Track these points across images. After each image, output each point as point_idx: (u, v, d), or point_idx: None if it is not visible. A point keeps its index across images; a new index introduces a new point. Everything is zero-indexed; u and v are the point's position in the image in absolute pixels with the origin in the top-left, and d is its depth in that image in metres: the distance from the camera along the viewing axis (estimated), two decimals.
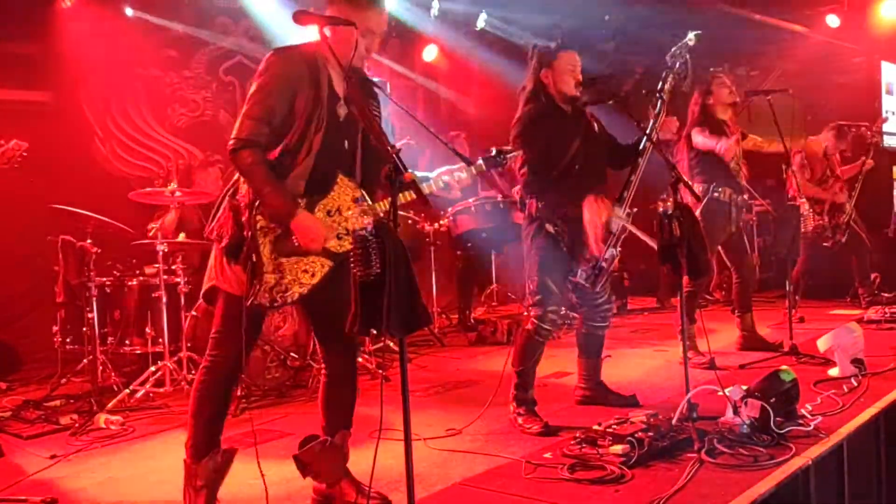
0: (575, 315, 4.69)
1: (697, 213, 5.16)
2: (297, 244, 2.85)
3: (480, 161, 3.24)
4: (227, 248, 2.88)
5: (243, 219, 2.85)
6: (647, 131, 4.08)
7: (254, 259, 2.81)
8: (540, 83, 4.09)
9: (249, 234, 2.83)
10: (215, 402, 2.99)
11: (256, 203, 2.83)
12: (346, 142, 2.97)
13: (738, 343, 5.64)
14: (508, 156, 3.30)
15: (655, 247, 3.83)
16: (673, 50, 4.21)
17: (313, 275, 2.93)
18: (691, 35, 4.24)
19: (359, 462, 3.33)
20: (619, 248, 4.10)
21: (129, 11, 6.78)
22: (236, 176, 2.96)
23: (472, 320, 7.15)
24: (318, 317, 3.16)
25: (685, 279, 4.02)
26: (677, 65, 4.18)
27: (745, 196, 5.60)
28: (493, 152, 3.27)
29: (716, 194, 5.31)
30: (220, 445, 3.04)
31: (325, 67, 2.94)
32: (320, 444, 3.10)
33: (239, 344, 2.87)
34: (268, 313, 2.98)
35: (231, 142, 2.83)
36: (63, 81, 6.49)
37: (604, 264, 4.00)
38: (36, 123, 6.05)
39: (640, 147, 4.13)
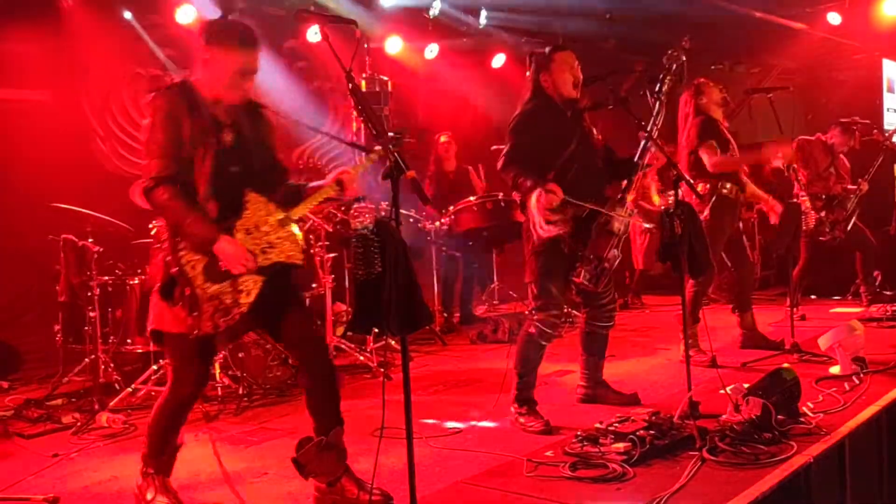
0: (576, 313, 4.69)
1: (706, 211, 5.18)
2: (224, 269, 2.95)
3: (378, 147, 3.20)
4: (162, 290, 3.01)
5: (168, 259, 2.97)
6: (647, 132, 4.08)
7: (187, 293, 2.92)
8: (539, 86, 4.09)
9: (177, 270, 2.93)
10: (173, 420, 3.16)
11: (177, 239, 2.95)
12: (233, 166, 3.05)
13: (739, 341, 5.64)
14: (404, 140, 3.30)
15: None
16: (669, 52, 4.22)
17: (248, 293, 3.02)
18: (686, 38, 4.26)
19: (361, 460, 3.33)
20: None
21: (127, 15, 6.77)
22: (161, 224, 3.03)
23: (449, 319, 7.22)
24: (273, 328, 3.25)
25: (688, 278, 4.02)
26: (674, 66, 4.19)
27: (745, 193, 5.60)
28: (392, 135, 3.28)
29: (724, 191, 5.31)
30: (176, 443, 3.21)
31: (202, 99, 3.05)
32: (316, 445, 3.12)
33: (194, 375, 3.09)
34: (218, 340, 3.10)
35: (143, 185, 2.97)
36: (63, 80, 6.48)
37: (606, 264, 4.00)
38: (36, 122, 6.05)
39: (639, 151, 4.14)
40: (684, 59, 4.22)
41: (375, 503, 3.00)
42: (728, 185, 5.33)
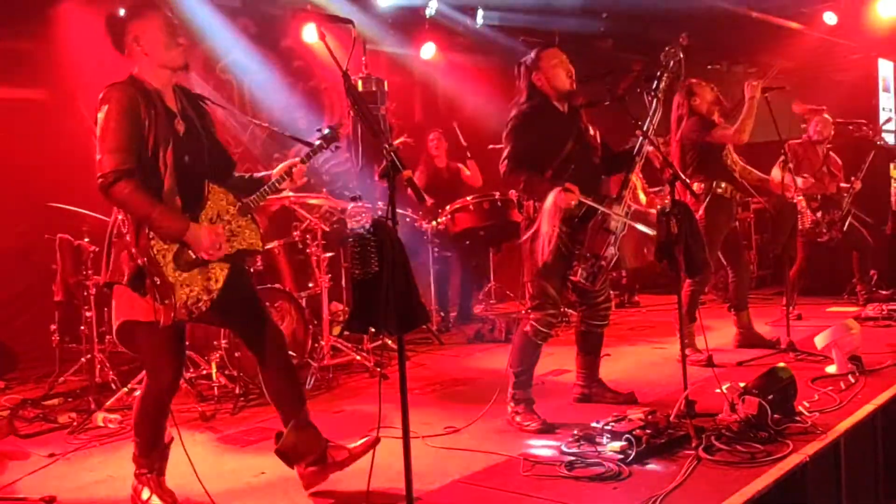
0: (572, 312, 4.70)
1: (701, 210, 5.18)
2: (194, 256, 3.00)
3: (317, 142, 3.33)
4: (132, 283, 2.97)
5: (133, 250, 2.94)
6: (644, 130, 4.09)
7: (158, 282, 2.92)
8: (533, 87, 4.10)
9: (145, 260, 2.92)
10: (156, 413, 3.16)
11: (145, 230, 2.93)
12: (187, 156, 3.06)
13: (736, 340, 5.65)
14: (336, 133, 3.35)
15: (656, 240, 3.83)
16: (666, 49, 4.23)
17: (217, 280, 3.08)
18: (683, 35, 4.26)
19: (358, 460, 3.33)
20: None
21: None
22: (114, 217, 3.07)
23: (446, 318, 7.23)
24: (234, 319, 3.29)
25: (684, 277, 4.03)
26: (671, 64, 4.20)
27: (741, 193, 5.62)
28: (326, 131, 3.35)
29: (718, 190, 5.32)
30: (165, 440, 3.22)
31: (153, 89, 3.06)
32: (294, 428, 3.21)
33: (171, 365, 3.10)
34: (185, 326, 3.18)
35: (99, 180, 2.90)
36: (60, 79, 6.47)
37: (603, 263, 4.01)
38: (32, 121, 6.04)
39: (636, 148, 4.15)
40: (682, 55, 4.22)
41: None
42: (723, 185, 5.34)
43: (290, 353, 5.00)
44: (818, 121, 7.21)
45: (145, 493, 3.13)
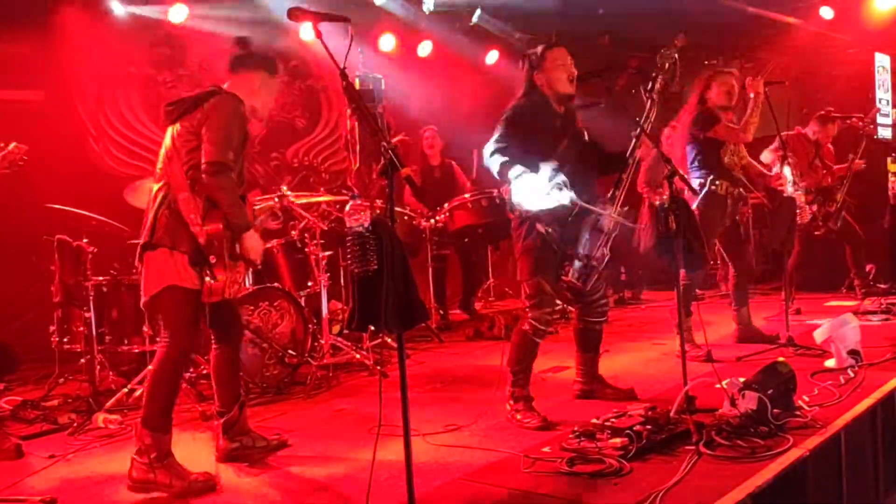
0: (572, 308, 4.70)
1: (694, 206, 5.18)
2: (238, 251, 3.47)
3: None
4: (192, 256, 3.38)
5: (196, 229, 3.37)
6: (638, 130, 4.09)
7: (214, 261, 3.38)
8: (533, 84, 4.10)
9: (208, 240, 3.37)
10: (171, 382, 3.44)
11: (220, 216, 3.37)
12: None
13: (735, 336, 5.66)
14: None
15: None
16: (662, 51, 4.22)
17: (243, 276, 3.68)
18: (680, 36, 4.27)
19: (359, 457, 3.34)
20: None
21: (119, 10, 6.74)
22: (157, 189, 3.47)
23: (445, 316, 7.22)
24: (216, 309, 3.57)
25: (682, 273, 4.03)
26: (666, 65, 4.20)
27: (741, 189, 5.61)
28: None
29: (713, 187, 5.31)
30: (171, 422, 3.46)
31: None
32: (240, 406, 3.72)
33: (195, 335, 3.50)
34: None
35: (207, 167, 3.35)
36: (56, 80, 6.46)
37: (594, 263, 4.00)
38: (29, 123, 6.03)
39: (630, 149, 4.15)
40: (677, 57, 4.22)
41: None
42: (718, 182, 5.34)
43: (290, 351, 5.07)
44: (821, 122, 7.20)
45: (164, 479, 3.29)
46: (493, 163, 3.95)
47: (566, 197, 3.81)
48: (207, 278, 3.37)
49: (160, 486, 3.30)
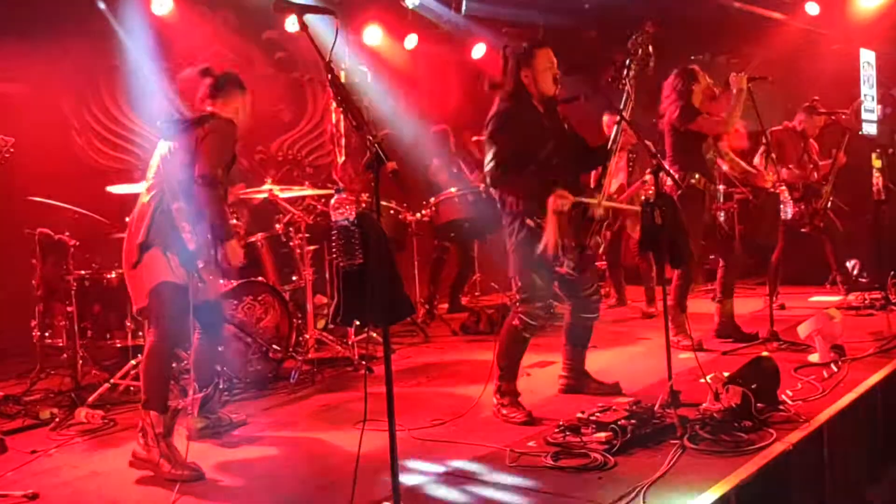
0: (556, 304, 4.70)
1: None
2: (219, 258, 3.76)
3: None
4: (183, 257, 3.67)
5: (186, 236, 3.69)
6: (618, 119, 4.12)
7: (201, 266, 3.77)
8: (520, 82, 4.08)
9: (195, 247, 3.71)
10: (163, 366, 3.69)
11: (203, 225, 3.67)
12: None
13: (715, 329, 5.65)
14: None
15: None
16: (633, 37, 4.22)
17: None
18: (648, 22, 4.27)
19: (343, 452, 3.32)
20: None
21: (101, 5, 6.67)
22: (149, 197, 3.74)
23: (433, 310, 7.22)
24: (202, 306, 3.81)
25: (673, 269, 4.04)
26: (639, 52, 4.20)
27: (720, 186, 5.63)
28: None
29: (692, 181, 5.33)
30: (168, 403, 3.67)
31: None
32: (214, 386, 4.10)
33: (182, 321, 3.67)
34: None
35: (199, 181, 3.64)
36: (39, 73, 6.39)
37: (588, 251, 4.01)
38: (11, 115, 5.95)
39: (612, 136, 4.17)
40: (650, 43, 4.23)
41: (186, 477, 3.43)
42: (696, 176, 5.35)
43: (275, 346, 5.05)
44: (808, 113, 7.22)
45: (164, 464, 3.42)
46: (504, 179, 3.97)
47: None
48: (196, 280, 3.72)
49: (151, 465, 3.46)
